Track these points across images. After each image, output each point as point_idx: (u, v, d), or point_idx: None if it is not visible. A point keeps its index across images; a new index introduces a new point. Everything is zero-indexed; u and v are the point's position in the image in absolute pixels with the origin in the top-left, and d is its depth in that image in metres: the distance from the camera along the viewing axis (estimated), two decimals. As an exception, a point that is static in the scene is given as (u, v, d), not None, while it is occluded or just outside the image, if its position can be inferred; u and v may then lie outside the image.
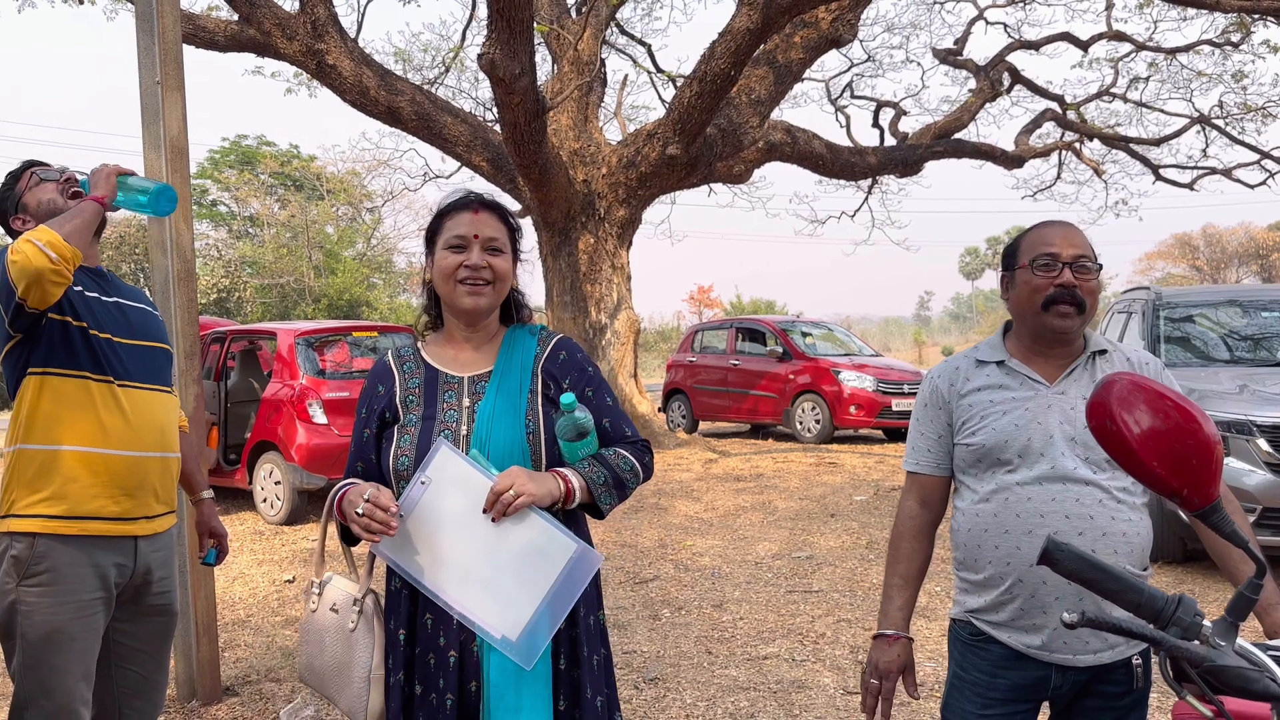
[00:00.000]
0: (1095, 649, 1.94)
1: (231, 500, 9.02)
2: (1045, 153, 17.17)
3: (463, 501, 1.83)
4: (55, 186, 2.50)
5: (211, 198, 35.04)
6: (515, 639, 1.80)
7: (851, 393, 12.27)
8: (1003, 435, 1.96)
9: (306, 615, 2.02)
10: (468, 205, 1.98)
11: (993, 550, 1.98)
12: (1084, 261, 1.95)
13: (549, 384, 1.98)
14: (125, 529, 2.42)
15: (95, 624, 2.38)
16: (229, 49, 11.63)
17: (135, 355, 2.47)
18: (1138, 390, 1.16)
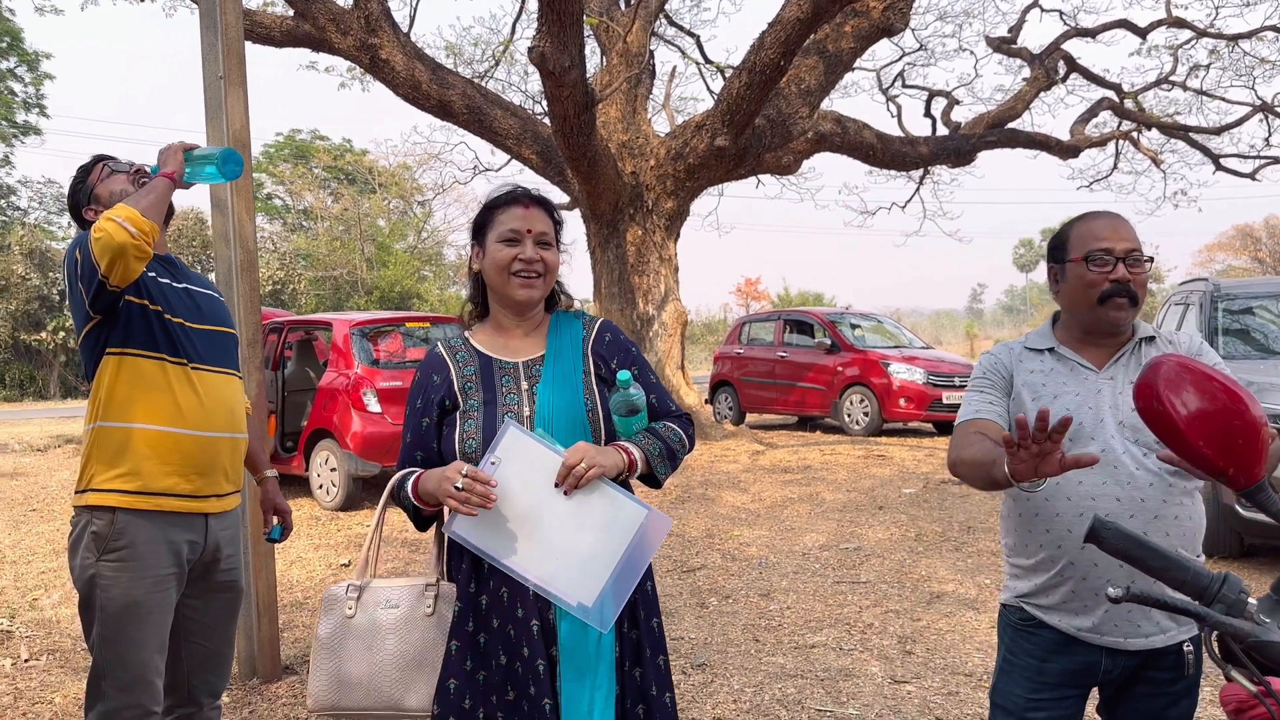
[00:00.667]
0: (1147, 632, 1.94)
1: (288, 487, 9.22)
2: (1102, 142, 16.86)
3: (533, 477, 1.91)
4: (126, 178, 2.58)
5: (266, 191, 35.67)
6: (591, 604, 1.88)
7: (901, 385, 12.19)
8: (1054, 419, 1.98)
9: (335, 625, 2.00)
10: (519, 200, 2.07)
11: (1044, 534, 1.99)
12: (1136, 255, 1.97)
13: (599, 364, 2.09)
14: (197, 506, 2.51)
15: (169, 598, 2.47)
16: (285, 44, 11.84)
17: (206, 339, 2.55)
18: (1185, 371, 1.17)
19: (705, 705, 3.88)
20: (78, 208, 2.64)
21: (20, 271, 24.96)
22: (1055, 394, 2.01)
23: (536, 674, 1.89)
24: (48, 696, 4.00)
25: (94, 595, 2.41)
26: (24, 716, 3.86)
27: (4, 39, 29.71)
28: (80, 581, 2.44)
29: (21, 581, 5.98)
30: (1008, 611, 2.12)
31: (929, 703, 3.87)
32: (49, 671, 4.34)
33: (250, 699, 3.99)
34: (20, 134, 30.87)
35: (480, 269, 2.09)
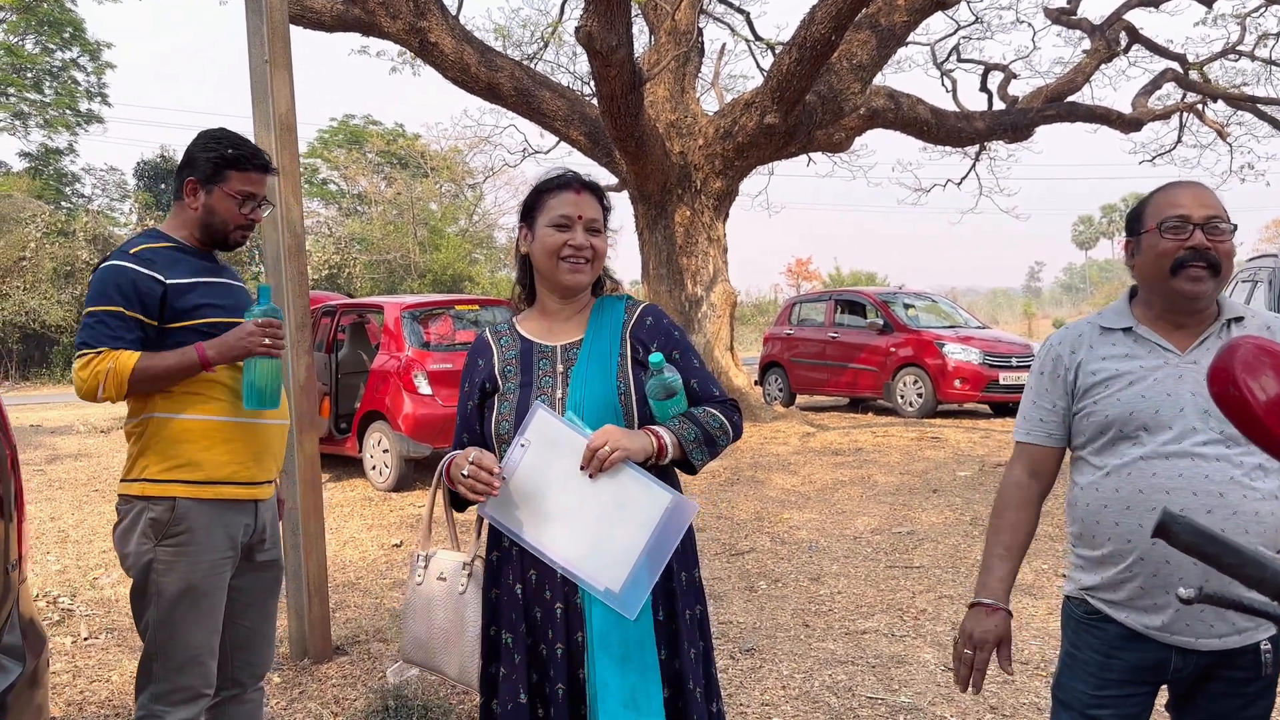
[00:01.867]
0: (1221, 633, 1.84)
1: (342, 468, 9.34)
2: (1165, 115, 16.35)
3: (561, 460, 1.93)
4: (240, 218, 2.56)
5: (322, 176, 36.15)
6: (618, 590, 1.89)
7: (956, 366, 11.98)
8: (1129, 407, 1.88)
9: (412, 589, 2.12)
10: (570, 185, 2.07)
11: (1113, 527, 1.90)
12: (1216, 222, 1.84)
13: (638, 348, 2.08)
14: (252, 493, 2.56)
15: (223, 581, 2.53)
16: (335, 29, 11.90)
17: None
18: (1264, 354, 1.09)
19: (754, 691, 3.84)
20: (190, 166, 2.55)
21: (85, 257, 25.55)
22: (1132, 379, 1.89)
23: (555, 658, 1.93)
24: (105, 675, 4.08)
25: (149, 580, 2.45)
26: (81, 694, 3.94)
27: (66, 29, 30.36)
28: (135, 568, 2.48)
29: (84, 561, 6.12)
30: (1071, 604, 2.04)
31: (984, 691, 3.78)
32: (107, 650, 4.43)
33: (300, 679, 4.04)
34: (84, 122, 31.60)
35: (528, 251, 2.10)
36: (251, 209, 2.59)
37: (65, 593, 5.34)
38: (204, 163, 2.53)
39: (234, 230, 2.58)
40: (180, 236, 2.57)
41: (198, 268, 2.55)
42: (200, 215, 2.56)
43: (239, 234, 2.60)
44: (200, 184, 2.54)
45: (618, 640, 1.90)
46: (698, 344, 11.89)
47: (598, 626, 1.90)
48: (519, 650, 1.96)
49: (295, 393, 4.10)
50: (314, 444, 4.20)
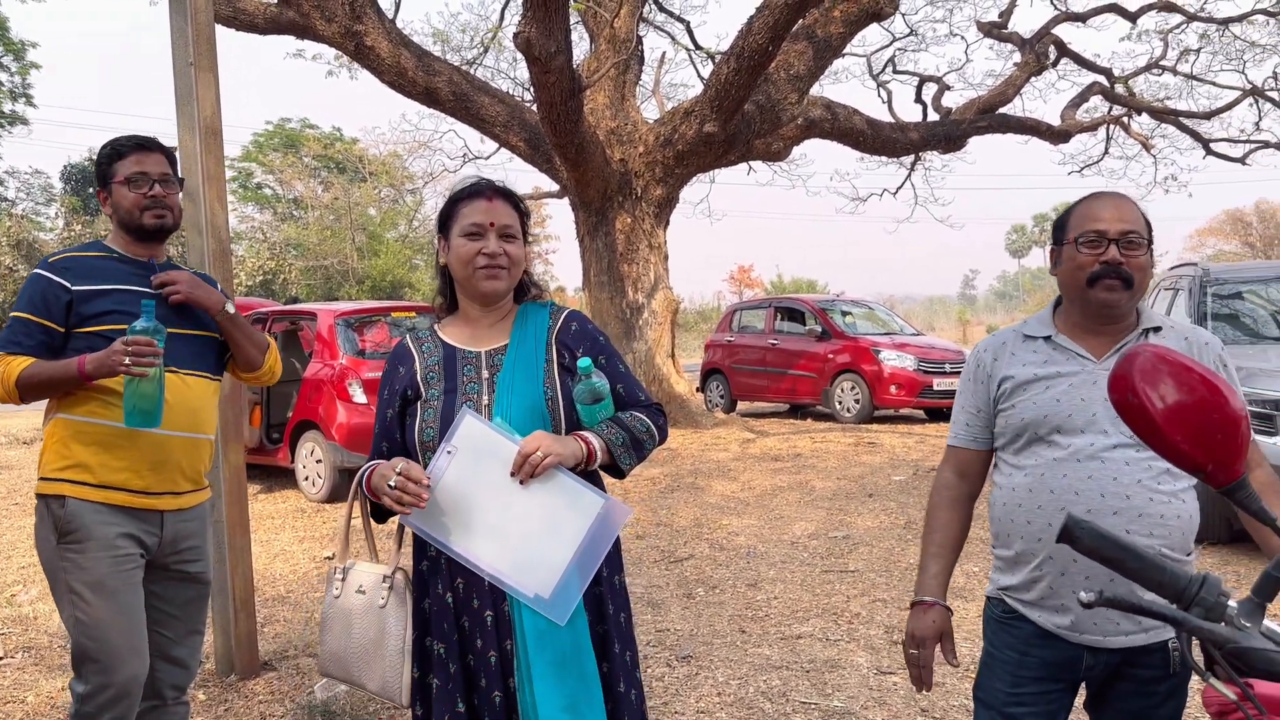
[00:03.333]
0: (1126, 630, 1.89)
1: (274, 479, 9.16)
2: (1093, 127, 16.80)
3: (489, 467, 1.90)
4: (139, 200, 2.57)
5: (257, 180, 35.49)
6: (548, 596, 1.87)
7: (892, 372, 12.15)
8: (1043, 410, 1.93)
9: (329, 602, 2.09)
10: (482, 193, 2.06)
11: (1024, 526, 1.95)
12: (1132, 237, 1.89)
13: (563, 353, 2.08)
14: (149, 503, 2.53)
15: (133, 578, 2.52)
16: (269, 31, 11.71)
17: (175, 342, 2.53)
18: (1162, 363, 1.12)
19: (689, 698, 3.84)
20: (101, 179, 2.66)
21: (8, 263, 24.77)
22: (1048, 384, 1.95)
23: (489, 666, 1.91)
24: (20, 695, 3.94)
25: (58, 578, 2.49)
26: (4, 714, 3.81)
27: (-12, 28, 29.44)
28: (45, 565, 2.53)
29: (2, 576, 5.91)
30: (991, 604, 2.09)
31: (915, 694, 3.83)
32: (23, 669, 4.28)
33: (227, 696, 3.94)
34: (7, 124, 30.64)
35: (446, 262, 2.09)
36: (148, 186, 2.57)
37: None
38: (97, 173, 2.66)
39: (141, 214, 2.57)
40: (118, 246, 2.63)
41: (121, 275, 2.56)
42: (115, 217, 2.63)
43: (150, 216, 2.58)
44: (102, 190, 2.64)
45: (553, 647, 1.88)
46: (639, 351, 11.90)
47: (531, 634, 1.88)
48: (453, 660, 1.93)
49: (220, 402, 4.01)
50: (240, 455, 4.11)
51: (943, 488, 2.14)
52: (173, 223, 2.64)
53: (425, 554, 2.01)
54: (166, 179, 2.61)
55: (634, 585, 5.21)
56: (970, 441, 2.11)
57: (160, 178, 2.59)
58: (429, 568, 2.00)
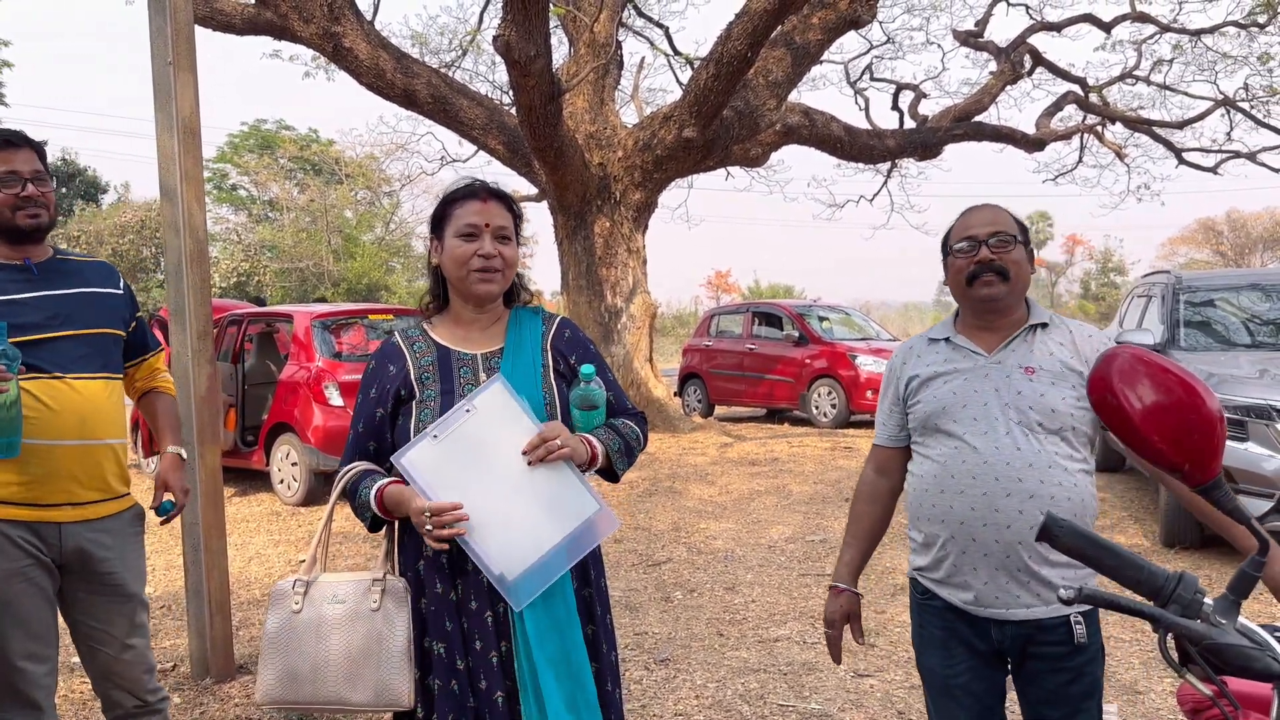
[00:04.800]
0: (1027, 603, 2.03)
1: (249, 481, 9.08)
2: (1067, 136, 16.98)
3: (501, 438, 1.90)
4: (11, 200, 2.44)
5: (231, 182, 35.19)
6: (511, 580, 1.86)
7: (868, 377, 12.21)
8: (942, 402, 2.13)
9: (283, 620, 1.97)
10: (476, 194, 2.05)
11: (929, 509, 2.13)
12: (1001, 235, 2.08)
13: (558, 359, 2.10)
14: (41, 515, 2.43)
15: (29, 588, 2.42)
16: (246, 32, 11.64)
17: (59, 346, 2.45)
18: (1139, 364, 1.13)
19: (667, 701, 3.85)
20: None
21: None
22: (946, 380, 2.14)
23: (490, 666, 1.90)
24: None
25: None
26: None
27: (-41, 25, 29.08)
28: None
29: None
30: (913, 586, 2.27)
31: (891, 696, 3.85)
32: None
33: (202, 699, 3.91)
34: (-23, 122, 30.27)
35: (439, 263, 2.08)
36: (20, 186, 2.44)
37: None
38: None
39: (14, 215, 2.44)
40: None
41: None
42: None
43: (24, 216, 2.44)
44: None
45: (552, 647, 1.90)
46: (617, 355, 11.90)
47: (532, 635, 1.88)
48: (458, 657, 1.92)
49: (196, 404, 3.98)
50: (215, 457, 4.08)
51: (864, 483, 2.35)
52: (49, 221, 2.50)
53: (423, 554, 1.98)
54: (39, 176, 2.47)
55: (612, 589, 5.21)
56: (887, 440, 2.30)
57: (32, 175, 2.45)
58: (427, 566, 1.97)
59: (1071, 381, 2.05)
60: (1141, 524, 6.79)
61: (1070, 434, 2.05)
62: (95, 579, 2.54)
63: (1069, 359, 2.08)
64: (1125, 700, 3.80)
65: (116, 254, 23.93)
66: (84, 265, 2.64)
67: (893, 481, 2.33)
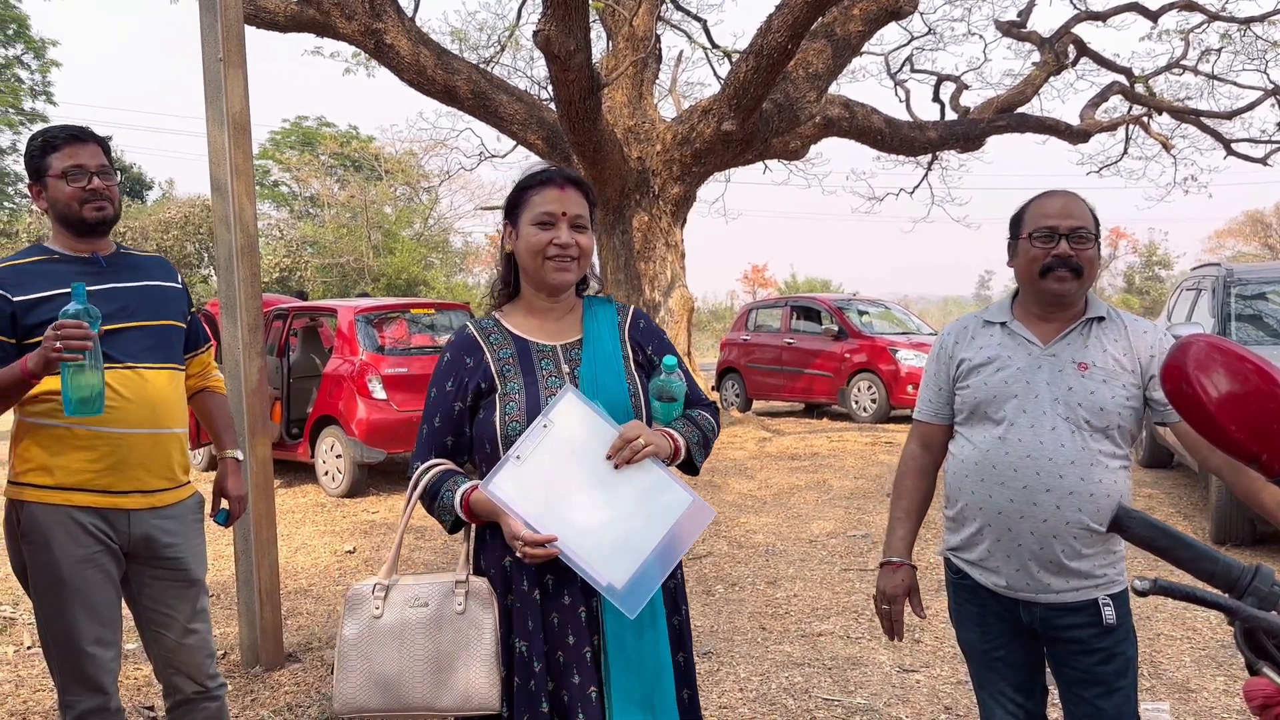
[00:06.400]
0: (1057, 589, 2.06)
1: (294, 473, 9.20)
2: (1112, 127, 16.70)
3: (582, 447, 1.87)
4: (77, 194, 2.48)
5: (273, 178, 35.64)
6: (620, 587, 1.82)
7: (909, 371, 12.11)
8: (993, 390, 2.12)
9: (364, 625, 1.92)
10: (553, 181, 2.01)
11: (968, 494, 2.15)
12: (1081, 232, 2.06)
13: (636, 350, 2.08)
14: (112, 502, 2.48)
15: (98, 574, 2.48)
16: (289, 29, 11.75)
17: (126, 337, 2.49)
18: (1215, 352, 1.11)
19: (711, 694, 3.85)
20: (32, 173, 2.54)
21: (27, 259, 24.91)
22: (999, 367, 2.13)
23: (583, 662, 1.86)
24: (47, 683, 3.97)
25: (26, 579, 2.49)
26: (25, 704, 3.85)
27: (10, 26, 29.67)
28: (15, 567, 2.52)
29: (26, 568, 5.96)
30: (947, 565, 2.30)
31: (938, 691, 3.82)
32: (51, 659, 4.32)
33: (253, 687, 3.97)
34: (28, 121, 30.85)
35: (513, 250, 2.05)
36: (86, 180, 2.48)
37: (7, 601, 5.20)
38: (29, 167, 2.53)
39: (81, 207, 2.48)
40: (58, 246, 2.54)
41: (64, 277, 2.44)
42: (52, 212, 2.52)
43: (90, 210, 2.48)
44: (35, 184, 2.53)
45: (634, 642, 1.86)
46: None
47: (611, 630, 1.86)
48: (537, 658, 1.88)
49: (247, 396, 4.04)
50: (266, 449, 4.14)
51: (908, 458, 2.35)
52: (113, 214, 2.53)
53: (508, 550, 1.91)
54: (104, 170, 2.51)
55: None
56: (932, 416, 2.30)
57: (98, 169, 2.49)
58: (513, 564, 1.92)
59: (1123, 380, 2.06)
60: (1191, 520, 6.68)
61: (1116, 431, 2.07)
62: (161, 565, 2.59)
63: (1122, 356, 2.09)
64: (1177, 699, 3.74)
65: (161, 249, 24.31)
66: (144, 260, 2.70)
67: (937, 457, 2.34)
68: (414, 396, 8.36)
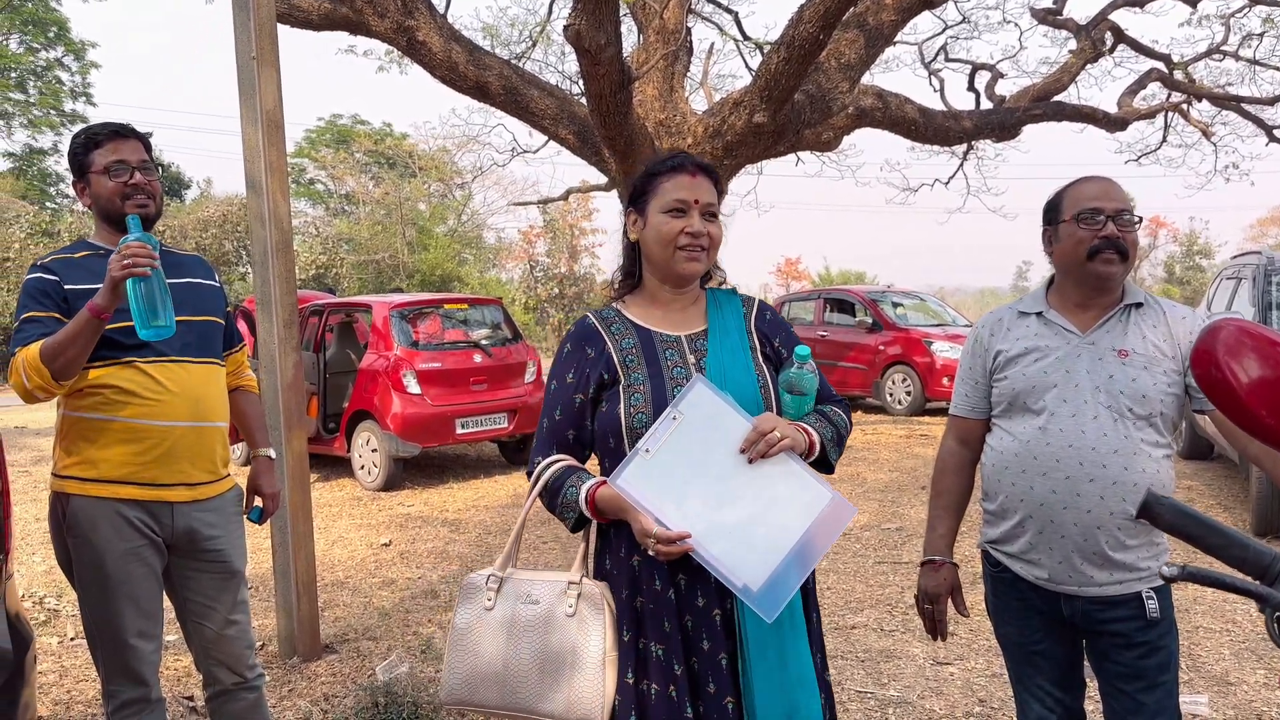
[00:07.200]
0: (1100, 582, 2.03)
1: (330, 467, 9.31)
2: (1150, 114, 16.40)
3: (714, 440, 1.77)
4: (119, 188, 2.52)
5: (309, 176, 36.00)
6: (756, 589, 1.71)
7: (944, 364, 12.01)
8: (1031, 381, 2.09)
9: (475, 615, 1.87)
10: (684, 167, 1.95)
11: (1009, 486, 2.12)
12: (1125, 215, 2.04)
13: (763, 342, 2.00)
14: (157, 495, 2.51)
15: (141, 567, 2.51)
16: (322, 28, 11.84)
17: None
18: (1245, 337, 1.10)
19: (744, 686, 3.84)
20: (75, 170, 2.59)
21: (70, 258, 25.32)
22: (1037, 357, 2.10)
23: (719, 668, 1.77)
24: (90, 674, 4.05)
25: (71, 570, 2.53)
26: (69, 693, 3.93)
27: (51, 29, 30.18)
28: (60, 561, 2.56)
29: (71, 561, 6.08)
30: (984, 557, 2.27)
31: (972, 684, 3.80)
32: (96, 649, 4.40)
33: (290, 677, 4.02)
34: (68, 122, 31.39)
35: (639, 239, 1.98)
36: (128, 174, 2.51)
37: (52, 593, 5.31)
38: (73, 164, 2.57)
39: (123, 203, 2.50)
40: (102, 241, 2.58)
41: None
42: (95, 208, 2.57)
43: (131, 205, 2.50)
44: (79, 181, 2.57)
45: (776, 646, 1.77)
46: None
47: (752, 633, 1.76)
48: (676, 661, 1.78)
49: (283, 391, 4.10)
50: (302, 442, 4.19)
51: (947, 454, 2.32)
52: (155, 211, 2.56)
53: (636, 549, 1.83)
54: (145, 166, 2.54)
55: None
56: (969, 411, 2.27)
57: (139, 165, 2.52)
58: (641, 563, 1.84)
59: (1164, 366, 2.03)
60: (1231, 512, 6.58)
61: (1159, 419, 2.04)
62: (203, 557, 2.63)
63: (1162, 342, 2.06)
64: (1216, 692, 3.69)
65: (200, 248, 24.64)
66: (184, 258, 2.74)
67: (975, 452, 2.31)
68: (448, 391, 8.43)
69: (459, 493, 8.23)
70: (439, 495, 8.14)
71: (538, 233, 32.24)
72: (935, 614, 2.26)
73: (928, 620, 2.27)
